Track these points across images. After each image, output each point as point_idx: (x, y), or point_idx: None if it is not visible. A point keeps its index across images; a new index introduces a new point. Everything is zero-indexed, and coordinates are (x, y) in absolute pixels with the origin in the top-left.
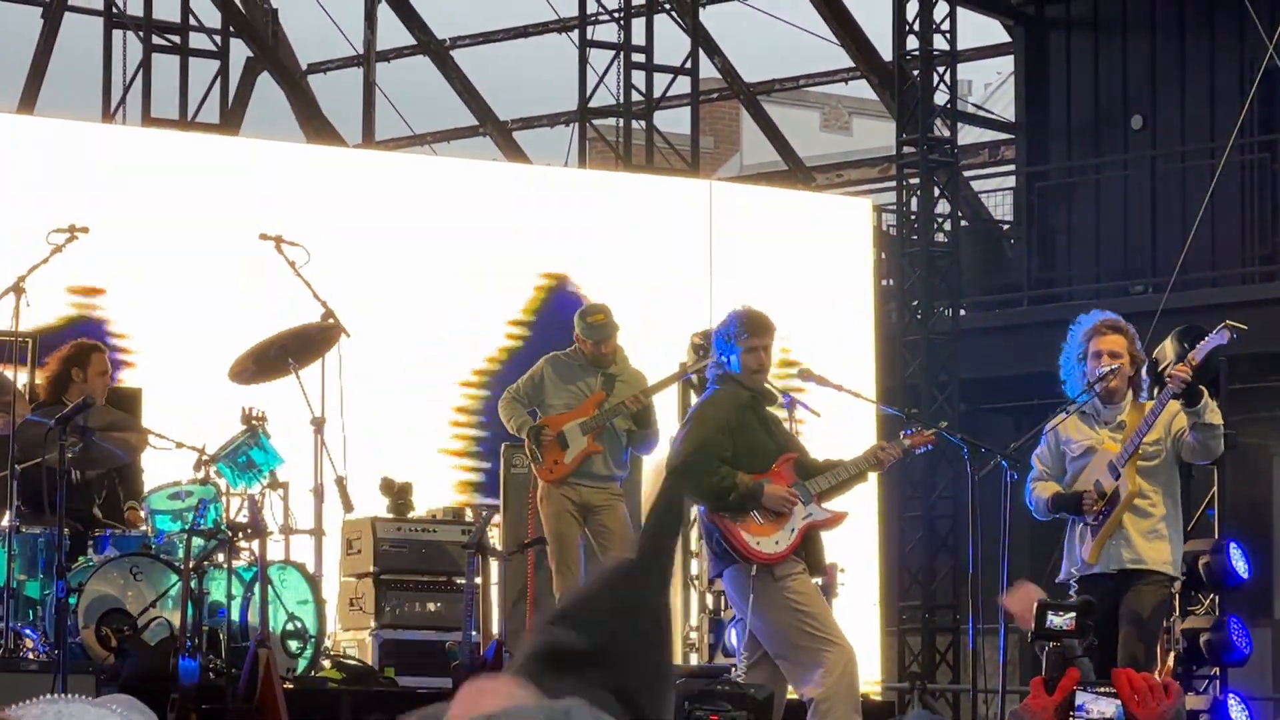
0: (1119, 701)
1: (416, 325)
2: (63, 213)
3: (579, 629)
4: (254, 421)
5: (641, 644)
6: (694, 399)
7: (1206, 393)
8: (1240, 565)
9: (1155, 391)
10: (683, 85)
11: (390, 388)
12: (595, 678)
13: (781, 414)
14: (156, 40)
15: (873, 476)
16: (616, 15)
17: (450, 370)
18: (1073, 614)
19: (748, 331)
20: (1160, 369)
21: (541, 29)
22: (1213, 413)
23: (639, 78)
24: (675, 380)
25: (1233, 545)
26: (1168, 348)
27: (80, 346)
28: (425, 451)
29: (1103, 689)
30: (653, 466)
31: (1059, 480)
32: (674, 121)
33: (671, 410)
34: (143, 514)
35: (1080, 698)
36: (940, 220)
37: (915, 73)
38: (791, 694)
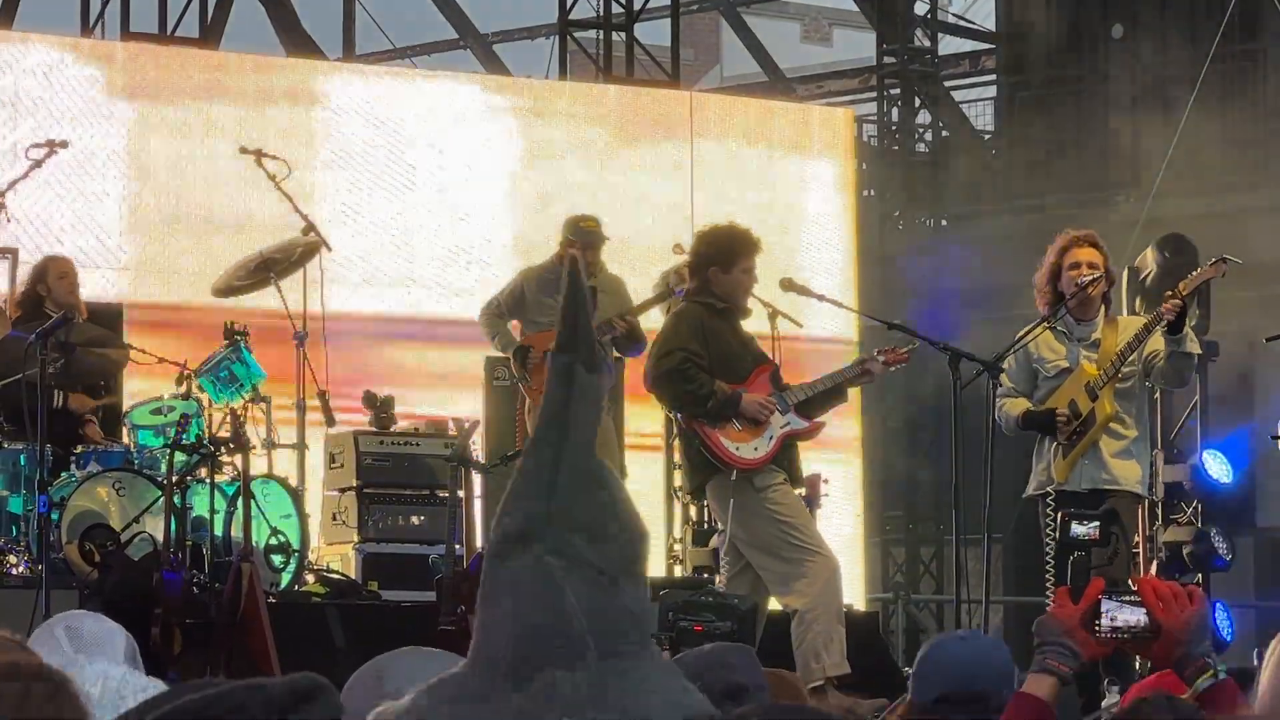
0: (1144, 609)
1: (397, 238)
2: (41, 128)
3: (512, 512)
4: (236, 336)
5: (572, 500)
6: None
7: (1189, 323)
8: (1223, 473)
9: (1139, 302)
10: None
11: (371, 301)
12: (538, 549)
13: (763, 325)
14: None
15: (848, 394)
16: None
17: (431, 283)
18: (1096, 523)
19: (743, 254)
20: (1141, 277)
21: None
22: (1192, 343)
23: None
24: (660, 302)
25: (1214, 453)
26: (1148, 256)
27: (41, 261)
28: (408, 364)
29: (1128, 597)
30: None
31: (1028, 397)
32: (654, 33)
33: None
34: (124, 427)
35: (1105, 606)
36: (921, 130)
37: None
38: (774, 605)
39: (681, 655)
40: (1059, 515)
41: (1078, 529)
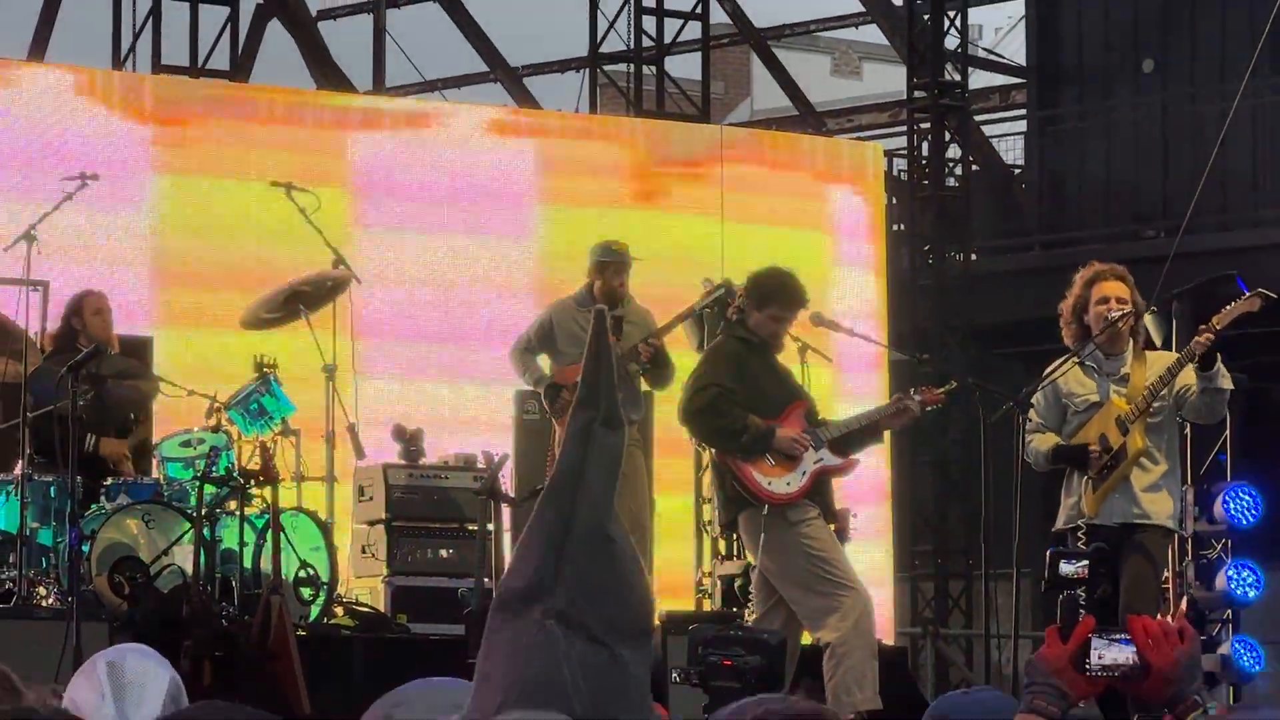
0: (1134, 648)
1: (427, 270)
2: (73, 160)
3: (519, 570)
4: (265, 369)
5: (578, 564)
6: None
7: (1220, 357)
8: (1250, 510)
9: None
10: (693, 30)
11: (401, 334)
12: (541, 610)
13: (792, 360)
14: None
15: (884, 436)
16: None
17: (461, 316)
18: (1085, 562)
19: (778, 303)
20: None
21: None
22: (1224, 378)
23: (649, 23)
24: (683, 320)
25: (1243, 490)
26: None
27: (77, 295)
28: (437, 397)
29: (1117, 635)
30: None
31: (1057, 432)
32: (685, 67)
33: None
34: (154, 460)
35: (1095, 644)
36: (951, 165)
37: (926, 17)
38: (806, 639)
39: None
40: (1047, 555)
41: (1066, 568)
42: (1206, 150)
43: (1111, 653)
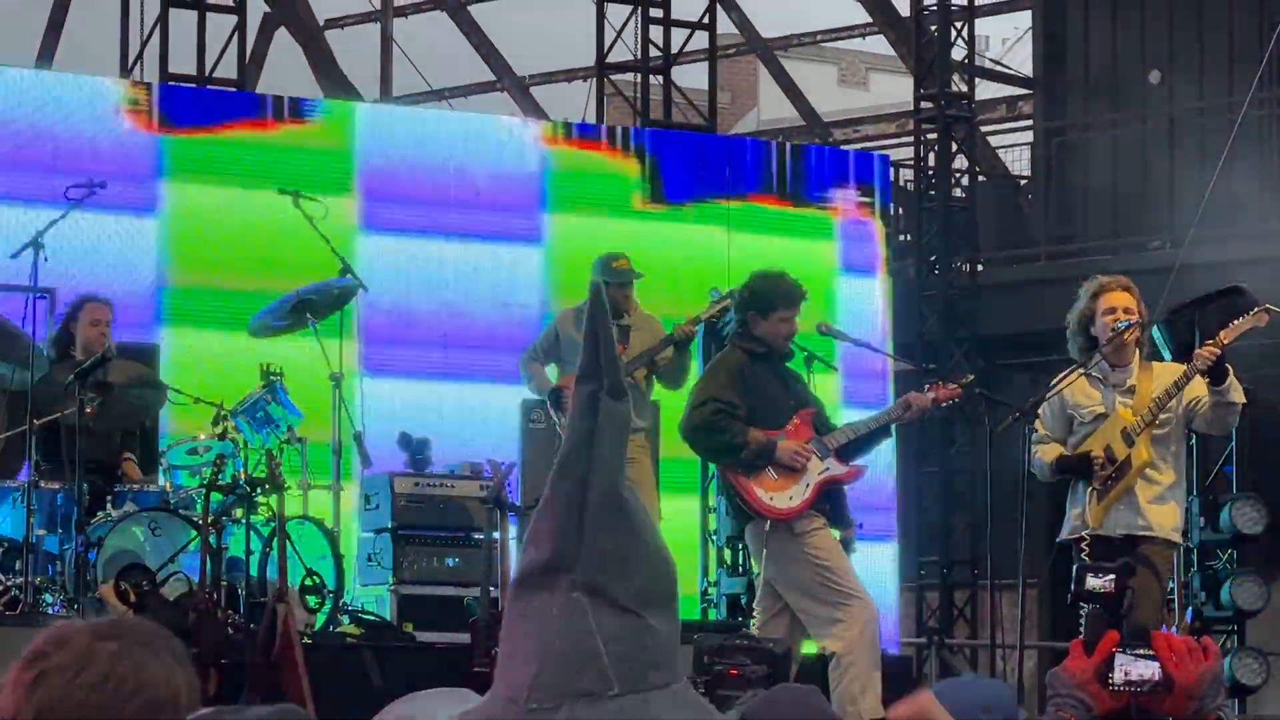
0: (1158, 663)
1: (433, 280)
2: (80, 168)
3: (539, 544)
4: (272, 377)
5: (598, 532)
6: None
7: (1231, 371)
8: (1256, 521)
9: None
10: (700, 40)
11: (408, 343)
12: (565, 582)
13: (798, 369)
14: None
15: (893, 430)
16: None
17: (467, 326)
18: (1112, 576)
19: (782, 303)
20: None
21: None
22: (1236, 391)
23: (657, 33)
24: (676, 341)
25: (1249, 501)
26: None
27: (78, 299)
28: (443, 406)
29: (1141, 651)
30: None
31: (1063, 443)
32: (692, 77)
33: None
34: (160, 467)
35: (1119, 659)
36: (957, 175)
37: (933, 28)
38: (808, 648)
39: (750, 701)
40: (1074, 569)
41: (1093, 581)
42: (1213, 161)
43: (1136, 668)
